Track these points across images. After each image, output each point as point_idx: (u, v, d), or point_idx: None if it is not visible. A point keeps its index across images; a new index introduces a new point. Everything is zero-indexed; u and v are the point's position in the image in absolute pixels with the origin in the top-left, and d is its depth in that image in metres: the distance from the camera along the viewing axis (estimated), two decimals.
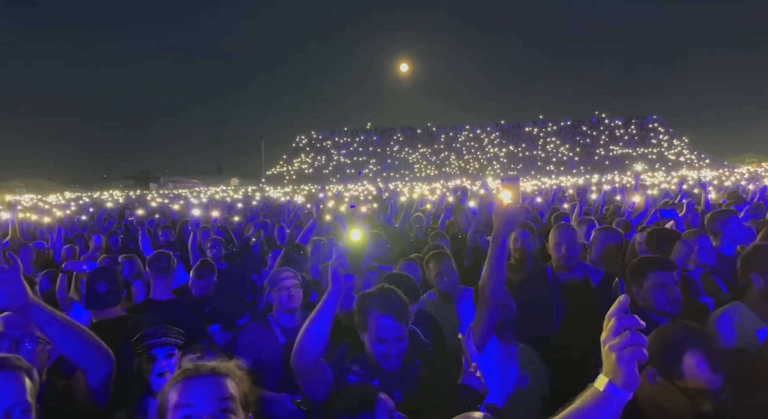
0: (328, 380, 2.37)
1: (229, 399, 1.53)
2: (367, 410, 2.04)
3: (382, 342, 2.49)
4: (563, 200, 13.32)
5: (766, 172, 29.29)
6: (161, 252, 4.54)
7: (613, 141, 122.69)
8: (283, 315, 3.68)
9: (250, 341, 3.59)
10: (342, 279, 2.20)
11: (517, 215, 2.67)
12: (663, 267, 3.04)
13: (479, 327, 2.87)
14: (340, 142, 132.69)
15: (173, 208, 16.98)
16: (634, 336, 1.21)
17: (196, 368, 1.59)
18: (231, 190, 50.43)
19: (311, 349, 2.23)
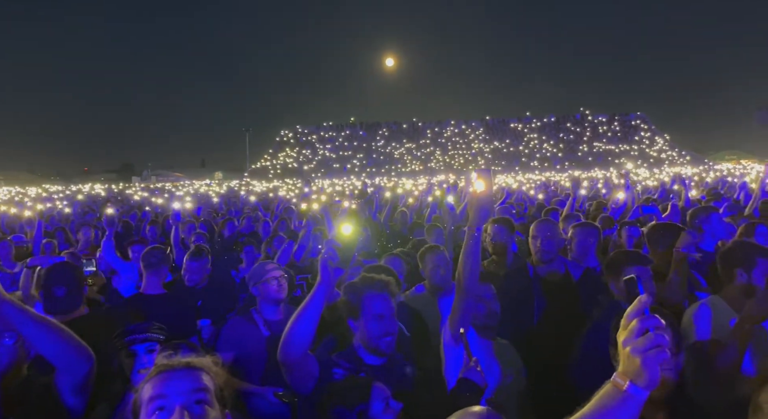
0: (314, 373, 2.39)
1: (203, 390, 1.53)
2: (362, 400, 2.08)
3: (381, 318, 2.52)
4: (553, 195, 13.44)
5: (744, 170, 29.77)
6: (155, 248, 4.55)
7: (597, 137, 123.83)
8: (268, 307, 3.68)
9: (233, 334, 3.60)
10: (331, 272, 2.21)
11: (491, 205, 2.74)
12: (639, 262, 3.11)
13: (455, 318, 2.90)
14: (325, 136, 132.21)
15: (157, 202, 16.81)
16: (657, 338, 1.23)
17: (171, 363, 1.58)
18: (215, 183, 50.06)
19: (299, 341, 2.24)
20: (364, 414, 2.07)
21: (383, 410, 2.09)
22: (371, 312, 2.54)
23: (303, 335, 2.23)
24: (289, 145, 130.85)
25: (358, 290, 2.58)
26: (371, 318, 2.53)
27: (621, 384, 1.26)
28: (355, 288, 2.59)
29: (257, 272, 3.78)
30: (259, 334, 3.59)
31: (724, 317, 3.01)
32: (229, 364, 3.42)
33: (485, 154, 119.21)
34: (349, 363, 2.50)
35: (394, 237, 7.98)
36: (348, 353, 2.57)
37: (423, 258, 4.17)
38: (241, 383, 3.42)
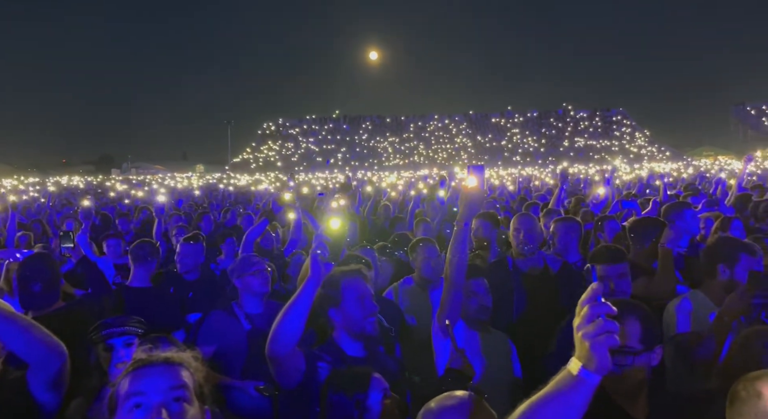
0: (301, 367, 2.40)
1: (182, 387, 1.50)
2: (361, 390, 2.12)
3: (362, 299, 2.57)
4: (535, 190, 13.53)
5: (721, 165, 30.31)
6: (144, 241, 4.51)
7: (578, 133, 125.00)
8: (250, 300, 3.66)
9: (213, 328, 3.58)
10: (322, 267, 2.23)
11: (481, 200, 2.79)
12: (612, 261, 3.17)
13: (443, 311, 2.93)
14: (308, 129, 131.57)
15: (137, 194, 16.60)
16: (607, 324, 1.24)
17: (149, 357, 1.56)
18: (196, 176, 49.54)
19: (288, 337, 2.25)
20: (361, 404, 2.10)
21: (380, 401, 2.12)
22: (352, 295, 2.58)
23: (292, 330, 2.24)
24: (272, 137, 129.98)
25: (335, 279, 2.61)
26: (352, 301, 2.57)
27: (573, 368, 1.28)
28: (331, 277, 2.61)
29: (242, 264, 3.75)
30: (240, 328, 3.57)
31: (705, 311, 3.06)
32: (209, 358, 3.41)
33: (468, 149, 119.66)
34: (331, 356, 2.51)
35: (376, 231, 7.98)
36: (329, 346, 2.59)
37: (414, 251, 4.19)
38: (221, 377, 3.40)
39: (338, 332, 2.61)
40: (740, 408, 1.62)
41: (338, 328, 2.62)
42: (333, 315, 2.61)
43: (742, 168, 9.99)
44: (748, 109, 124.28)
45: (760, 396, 1.58)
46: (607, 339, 1.24)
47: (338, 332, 2.61)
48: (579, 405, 1.29)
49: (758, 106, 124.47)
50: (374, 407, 2.10)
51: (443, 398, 1.81)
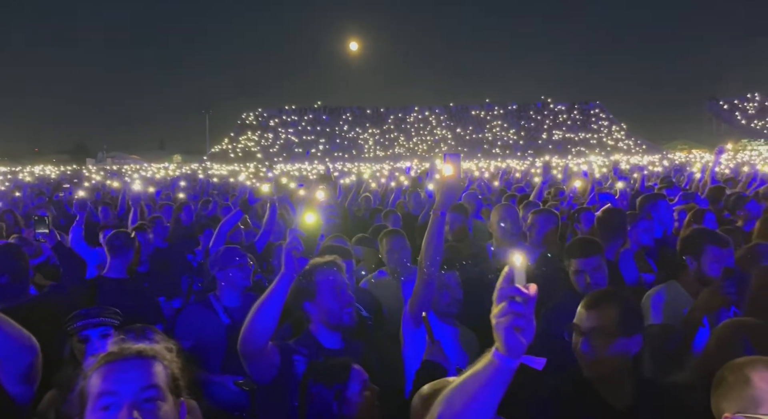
0: (276, 362, 2.37)
1: (154, 386, 1.45)
2: (341, 380, 2.12)
3: (338, 290, 2.55)
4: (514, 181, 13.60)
5: (695, 159, 30.87)
6: (120, 231, 4.45)
7: (557, 126, 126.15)
8: (229, 293, 3.62)
9: (191, 322, 3.53)
10: (296, 262, 2.19)
11: (458, 189, 2.78)
12: (595, 250, 3.21)
13: (415, 301, 2.92)
14: (287, 120, 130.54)
15: (113, 185, 16.31)
16: (510, 305, 1.23)
17: (121, 351, 1.50)
18: (174, 166, 48.87)
19: (261, 331, 2.22)
20: (341, 394, 2.10)
21: (359, 392, 2.12)
22: (327, 286, 2.55)
23: (265, 325, 2.21)
24: (251, 128, 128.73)
25: (309, 272, 2.58)
26: (328, 292, 2.55)
27: (490, 352, 1.28)
28: (305, 271, 2.57)
29: (223, 257, 3.71)
30: (218, 321, 3.53)
31: (680, 302, 3.12)
32: (187, 352, 3.37)
33: (448, 141, 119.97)
34: (308, 349, 2.49)
35: (356, 222, 7.97)
36: (305, 339, 2.56)
37: (381, 242, 4.19)
38: (199, 371, 3.37)
39: (315, 325, 2.59)
40: (727, 392, 1.65)
41: (315, 321, 2.58)
42: (308, 308, 2.58)
43: (713, 160, 10.19)
44: (721, 104, 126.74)
45: (747, 381, 1.62)
46: (512, 321, 1.22)
47: (315, 325, 2.59)
48: (494, 388, 1.28)
49: (730, 101, 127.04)
50: (354, 398, 2.10)
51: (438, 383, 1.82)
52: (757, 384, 1.61)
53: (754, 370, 1.63)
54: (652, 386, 2.12)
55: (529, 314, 1.24)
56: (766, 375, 1.61)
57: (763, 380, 1.61)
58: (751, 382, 1.61)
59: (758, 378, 1.61)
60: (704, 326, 2.78)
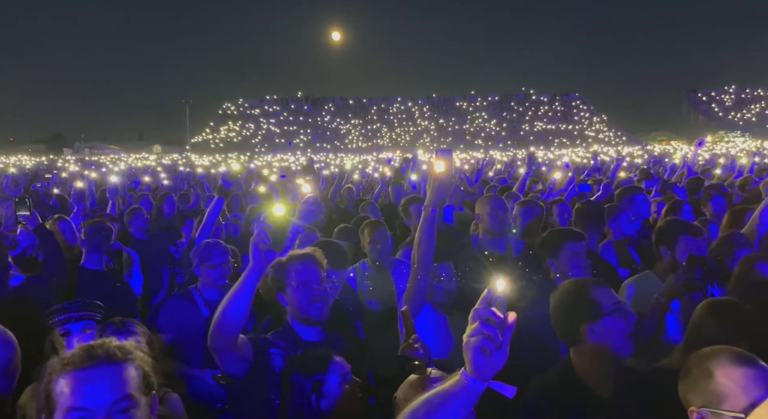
0: (248, 356, 2.34)
1: (127, 398, 1.43)
2: (321, 371, 2.10)
3: (307, 283, 2.50)
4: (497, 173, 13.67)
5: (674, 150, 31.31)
6: (97, 221, 4.38)
7: (538, 117, 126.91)
8: (210, 288, 3.60)
9: (172, 315, 3.48)
10: (263, 256, 2.15)
11: (449, 185, 2.78)
12: (576, 238, 3.24)
13: (410, 295, 2.94)
14: (269, 110, 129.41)
15: (91, 176, 16.04)
16: (482, 326, 1.22)
17: (89, 355, 1.44)
18: (154, 157, 48.23)
19: (230, 327, 2.19)
20: (319, 385, 2.09)
21: (339, 385, 2.11)
22: (296, 279, 2.52)
23: (234, 321, 2.18)
24: (232, 118, 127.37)
25: (282, 264, 2.56)
26: (297, 285, 2.51)
27: (460, 371, 1.28)
28: (279, 262, 2.56)
29: (204, 253, 3.67)
30: (199, 315, 3.50)
31: (654, 292, 3.18)
32: (168, 345, 3.35)
33: (431, 132, 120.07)
34: (285, 341, 2.47)
35: (339, 214, 7.95)
36: (284, 331, 2.55)
37: (362, 233, 4.18)
38: (180, 365, 3.35)
39: (290, 316, 2.57)
40: (692, 385, 1.68)
41: (289, 313, 2.57)
42: (281, 300, 2.57)
43: (692, 152, 10.34)
44: (700, 96, 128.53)
45: (710, 375, 1.63)
46: (481, 342, 1.22)
47: (290, 316, 2.57)
48: (458, 407, 1.28)
49: (708, 93, 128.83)
50: (333, 390, 2.09)
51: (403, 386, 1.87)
52: (719, 379, 1.61)
53: (717, 364, 1.64)
54: (634, 374, 2.17)
55: (501, 341, 1.23)
56: (728, 370, 1.61)
57: (725, 375, 1.61)
58: (714, 377, 1.62)
59: (720, 374, 1.61)
60: (672, 312, 2.83)
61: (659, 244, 3.38)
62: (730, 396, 1.58)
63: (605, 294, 2.20)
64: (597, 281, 2.34)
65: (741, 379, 1.58)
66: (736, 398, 1.57)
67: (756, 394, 1.54)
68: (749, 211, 4.42)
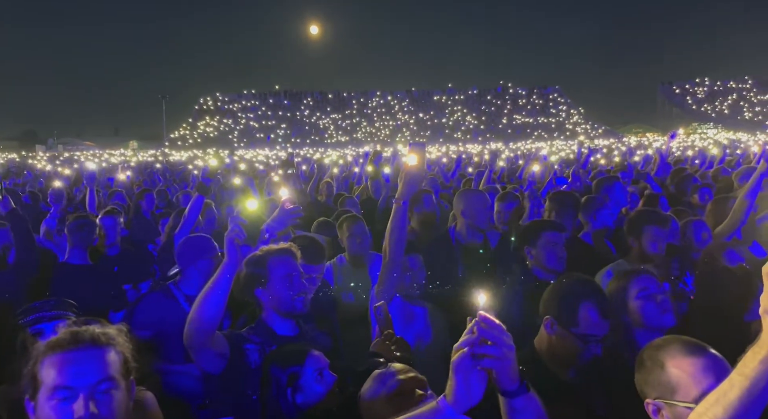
0: (225, 353, 2.33)
1: (109, 379, 1.48)
2: (297, 363, 2.09)
3: (290, 277, 2.49)
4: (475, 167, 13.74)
5: (649, 142, 31.80)
6: (80, 215, 4.33)
7: (517, 110, 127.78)
8: (196, 282, 3.54)
9: (151, 311, 3.44)
10: (239, 250, 2.14)
11: (421, 179, 2.80)
12: (554, 228, 3.29)
13: (381, 287, 2.95)
14: (247, 104, 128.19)
15: (64, 172, 15.73)
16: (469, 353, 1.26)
17: (74, 338, 1.50)
18: (130, 153, 47.45)
19: (206, 323, 2.18)
20: (295, 377, 2.08)
21: (315, 379, 2.10)
22: (278, 273, 2.50)
23: (211, 315, 2.17)
24: (209, 113, 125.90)
25: (260, 258, 2.54)
26: (280, 279, 2.49)
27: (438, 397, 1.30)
28: (256, 257, 2.55)
29: (194, 247, 3.62)
30: (180, 310, 3.45)
31: None
32: (146, 342, 3.31)
33: (410, 126, 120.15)
34: (261, 336, 2.46)
35: (318, 208, 7.93)
36: (258, 326, 2.53)
37: (340, 228, 4.17)
38: (159, 361, 3.31)
39: (267, 312, 2.54)
40: (646, 377, 1.70)
41: (266, 308, 2.54)
42: (260, 295, 2.53)
43: (666, 144, 10.54)
44: (674, 88, 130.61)
45: (662, 366, 1.65)
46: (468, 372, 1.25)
47: (267, 312, 2.54)
48: None
49: (682, 85, 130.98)
50: (309, 384, 2.08)
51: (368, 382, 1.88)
52: (670, 370, 1.62)
53: (668, 355, 1.65)
54: (597, 361, 2.22)
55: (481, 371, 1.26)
56: (678, 361, 1.62)
57: (676, 366, 1.62)
58: (666, 368, 1.64)
59: (671, 365, 1.63)
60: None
61: (628, 235, 3.49)
62: (681, 387, 1.59)
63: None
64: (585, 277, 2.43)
65: (691, 369, 1.60)
66: (687, 388, 1.58)
67: (706, 383, 1.55)
68: (732, 200, 4.54)
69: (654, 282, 2.46)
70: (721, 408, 1.20)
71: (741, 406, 1.17)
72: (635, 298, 2.43)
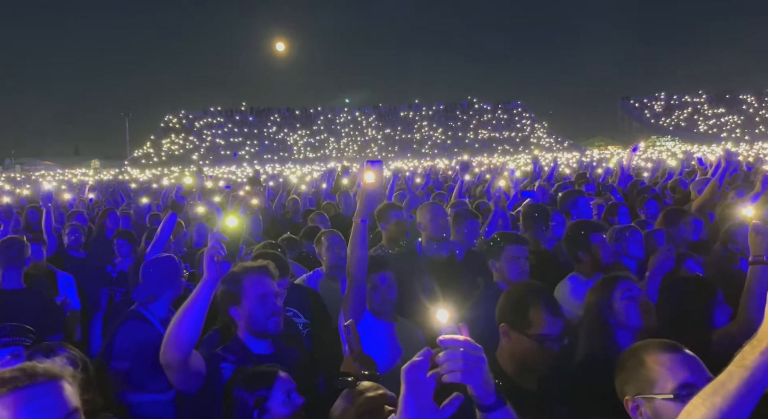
0: (201, 371, 2.29)
1: (73, 413, 1.40)
2: (265, 386, 2.05)
3: (264, 297, 2.46)
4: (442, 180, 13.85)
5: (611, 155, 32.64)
6: (13, 238, 4.14)
7: (482, 125, 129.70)
8: (163, 304, 3.47)
9: (129, 340, 3.31)
10: (218, 267, 2.12)
11: (379, 197, 2.82)
12: (517, 242, 3.35)
13: (347, 305, 2.95)
14: (213, 121, 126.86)
15: (22, 193, 15.26)
16: (416, 363, 1.28)
17: (28, 374, 1.39)
18: (91, 172, 46.37)
19: (184, 340, 2.14)
20: (262, 401, 2.04)
21: (283, 402, 2.06)
22: (253, 293, 2.47)
23: (189, 334, 2.14)
24: (174, 130, 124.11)
25: (236, 276, 2.51)
26: (254, 299, 2.47)
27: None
28: (233, 274, 2.52)
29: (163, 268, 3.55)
30: (157, 334, 3.31)
31: (582, 290, 3.34)
32: (126, 372, 3.22)
33: (378, 141, 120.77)
34: (236, 355, 2.43)
35: (285, 225, 7.88)
36: (233, 345, 2.50)
37: (319, 242, 4.17)
38: (131, 391, 3.22)
39: (241, 330, 2.52)
40: (627, 377, 1.77)
41: (241, 326, 2.52)
42: (234, 314, 2.51)
43: (627, 157, 10.84)
44: (633, 103, 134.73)
45: (642, 363, 1.74)
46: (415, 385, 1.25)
47: (241, 330, 2.52)
48: None
49: (641, 100, 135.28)
50: (276, 408, 2.04)
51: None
52: (650, 365, 1.72)
53: (647, 353, 1.76)
54: (559, 369, 2.28)
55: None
56: (657, 357, 1.72)
57: (655, 361, 1.71)
58: (645, 364, 1.73)
59: (651, 360, 1.73)
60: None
61: (576, 250, 3.56)
62: (659, 380, 1.68)
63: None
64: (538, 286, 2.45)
65: (667, 363, 1.69)
66: (664, 380, 1.67)
67: (682, 376, 1.65)
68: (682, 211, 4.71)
69: (636, 285, 2.62)
70: (720, 398, 1.23)
71: (740, 396, 1.21)
72: (621, 299, 2.56)
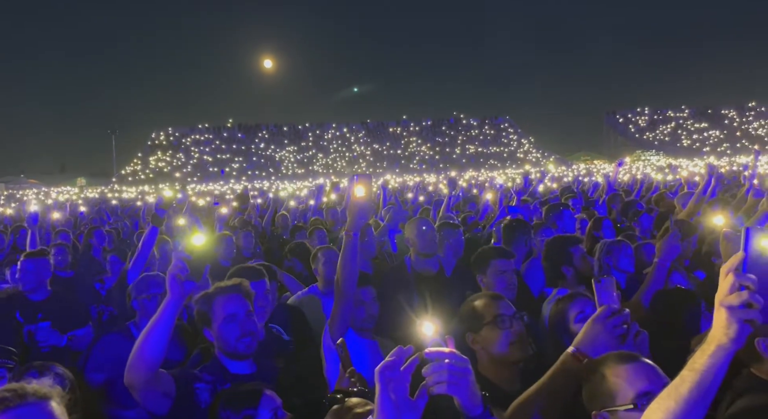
0: (170, 392, 2.25)
1: None
2: (250, 406, 2.03)
3: (233, 318, 2.44)
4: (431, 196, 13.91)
5: (596, 169, 32.99)
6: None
7: (469, 140, 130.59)
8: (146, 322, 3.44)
9: (106, 353, 3.28)
10: (181, 286, 2.09)
11: (369, 210, 2.82)
12: (503, 256, 3.36)
13: (335, 321, 2.92)
14: (200, 138, 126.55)
15: (6, 212, 15.09)
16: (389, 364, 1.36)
17: (18, 394, 1.42)
18: (77, 190, 45.95)
19: (148, 360, 2.12)
20: None
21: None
22: (222, 314, 2.45)
23: (152, 354, 2.11)
24: (161, 147, 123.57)
25: (208, 297, 2.50)
26: (223, 320, 2.45)
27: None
28: (204, 295, 2.50)
29: (141, 285, 3.52)
30: None
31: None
32: (100, 386, 3.17)
33: (367, 157, 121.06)
34: (213, 375, 2.40)
35: (275, 240, 7.87)
36: (212, 364, 2.48)
37: (315, 259, 4.15)
38: (110, 406, 3.17)
39: (218, 350, 2.50)
40: (590, 393, 1.81)
41: (216, 347, 2.51)
42: (207, 335, 2.50)
43: (614, 171, 10.98)
44: (617, 117, 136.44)
45: (603, 377, 1.77)
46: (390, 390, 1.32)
47: (218, 350, 2.50)
48: None
49: (625, 114, 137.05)
50: None
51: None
52: (609, 378, 1.75)
53: (606, 366, 1.78)
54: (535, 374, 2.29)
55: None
56: (615, 369, 1.75)
57: (613, 374, 1.75)
58: (606, 378, 1.76)
59: (609, 373, 1.76)
60: None
61: (559, 266, 3.59)
62: (619, 392, 1.71)
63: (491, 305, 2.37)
64: (492, 294, 2.54)
65: (625, 374, 1.73)
66: (624, 392, 1.70)
67: (640, 385, 1.68)
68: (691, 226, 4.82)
69: (591, 304, 2.52)
70: (673, 401, 1.27)
71: (691, 398, 1.24)
72: (575, 322, 2.54)
